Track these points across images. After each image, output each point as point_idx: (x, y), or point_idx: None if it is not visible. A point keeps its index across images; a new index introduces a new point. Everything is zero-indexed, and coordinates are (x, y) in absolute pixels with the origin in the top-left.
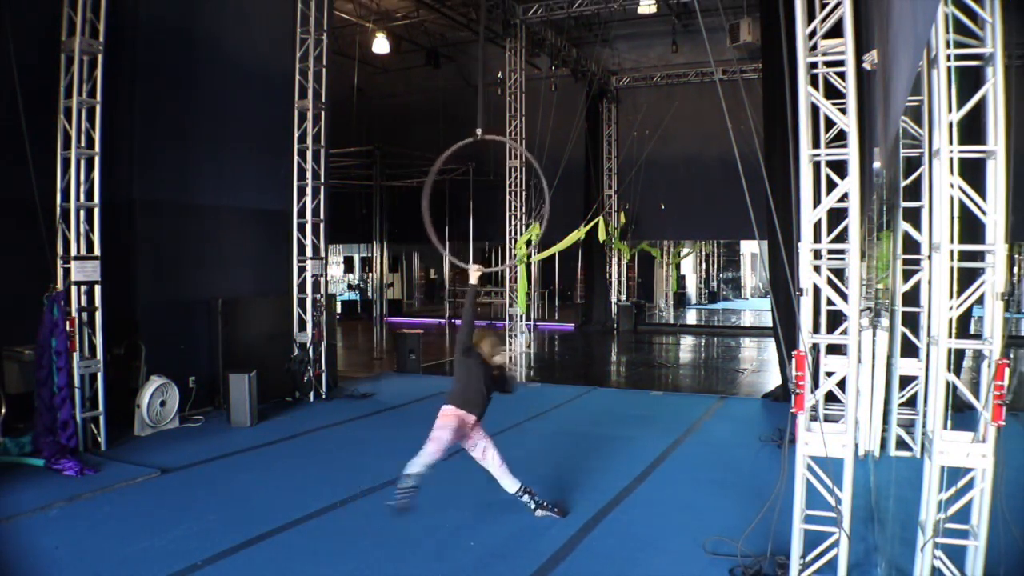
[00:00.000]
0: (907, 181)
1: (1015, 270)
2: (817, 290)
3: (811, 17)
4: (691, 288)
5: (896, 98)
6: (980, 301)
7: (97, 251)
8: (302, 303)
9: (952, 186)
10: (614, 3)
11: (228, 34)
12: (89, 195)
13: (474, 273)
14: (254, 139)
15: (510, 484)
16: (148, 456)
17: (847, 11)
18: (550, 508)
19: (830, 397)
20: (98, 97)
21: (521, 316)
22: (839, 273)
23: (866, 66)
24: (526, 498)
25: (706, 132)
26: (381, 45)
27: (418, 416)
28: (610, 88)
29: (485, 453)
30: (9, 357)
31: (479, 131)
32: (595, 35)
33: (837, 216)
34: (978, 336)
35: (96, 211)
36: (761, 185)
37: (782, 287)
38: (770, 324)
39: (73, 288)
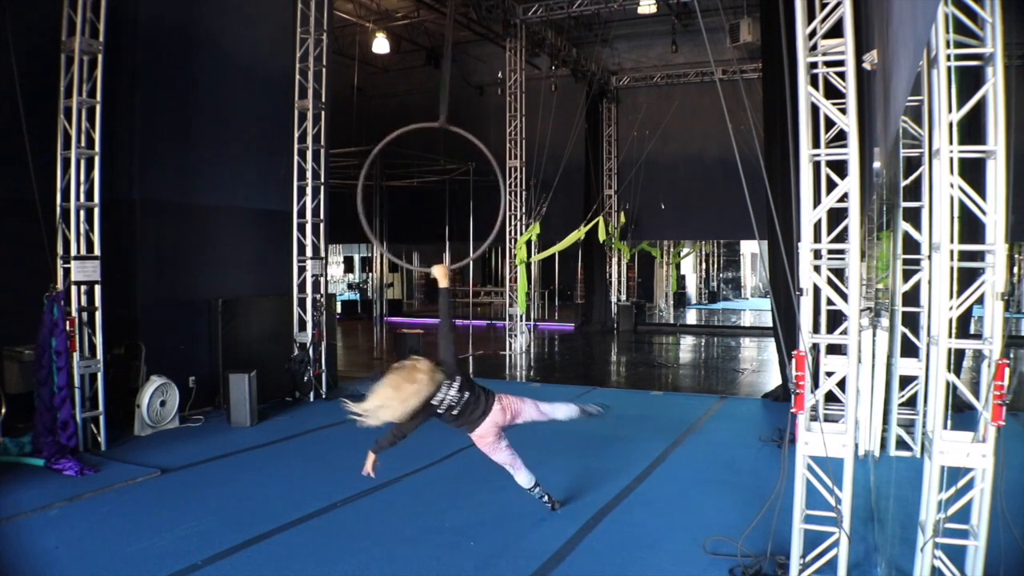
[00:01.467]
0: (907, 181)
1: (1015, 270)
2: (817, 290)
3: (811, 17)
4: (691, 288)
5: (896, 98)
6: (980, 301)
7: (97, 251)
8: (302, 303)
9: (952, 186)
10: (614, 3)
11: (228, 34)
12: (89, 195)
13: (442, 275)
14: (254, 139)
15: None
16: (148, 456)
17: (847, 11)
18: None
19: (830, 397)
20: (98, 97)
21: (521, 316)
22: (839, 273)
23: (866, 66)
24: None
25: (706, 132)
26: (381, 45)
27: None
28: (610, 88)
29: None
30: (9, 357)
31: (442, 118)
32: (595, 35)
33: (837, 216)
34: (978, 336)
35: (96, 211)
36: (761, 185)
37: (782, 287)
38: (770, 324)
39: (73, 288)
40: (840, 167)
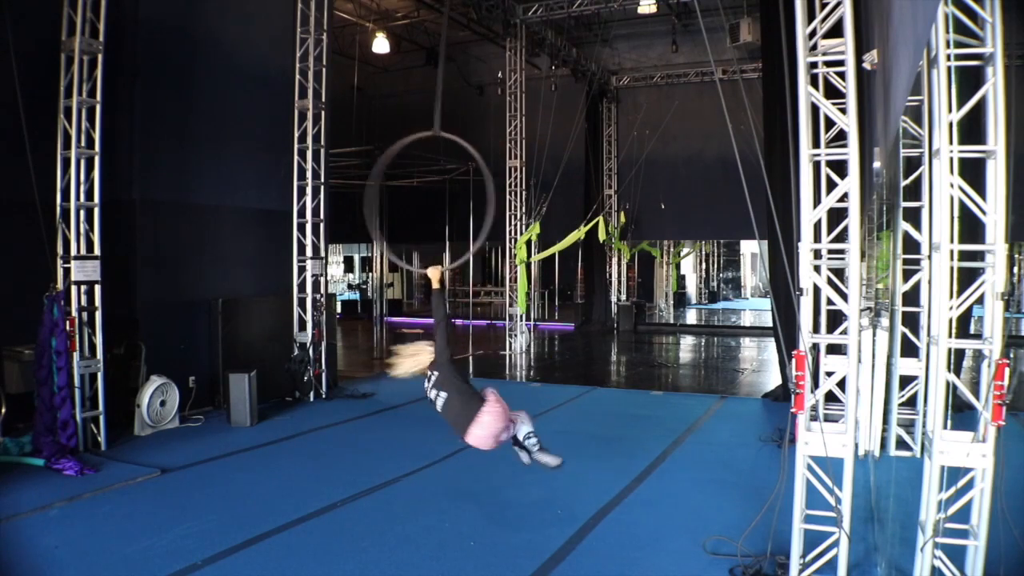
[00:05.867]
0: (907, 181)
1: (1015, 270)
2: (817, 290)
3: (811, 17)
4: (691, 288)
5: (896, 98)
6: (980, 301)
7: (97, 251)
8: (302, 303)
9: (952, 186)
10: (614, 3)
11: (228, 34)
12: (89, 195)
13: (435, 277)
14: (254, 139)
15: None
16: (148, 456)
17: (847, 11)
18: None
19: (830, 397)
20: (98, 97)
21: (521, 316)
22: (839, 273)
23: (866, 66)
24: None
25: (706, 132)
26: (381, 45)
27: (418, 416)
28: (610, 88)
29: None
30: (9, 357)
31: (436, 127)
32: (595, 35)
33: (837, 216)
34: (978, 336)
35: (96, 211)
36: (761, 185)
37: (782, 287)
38: (770, 324)
39: (73, 288)
40: (840, 167)
